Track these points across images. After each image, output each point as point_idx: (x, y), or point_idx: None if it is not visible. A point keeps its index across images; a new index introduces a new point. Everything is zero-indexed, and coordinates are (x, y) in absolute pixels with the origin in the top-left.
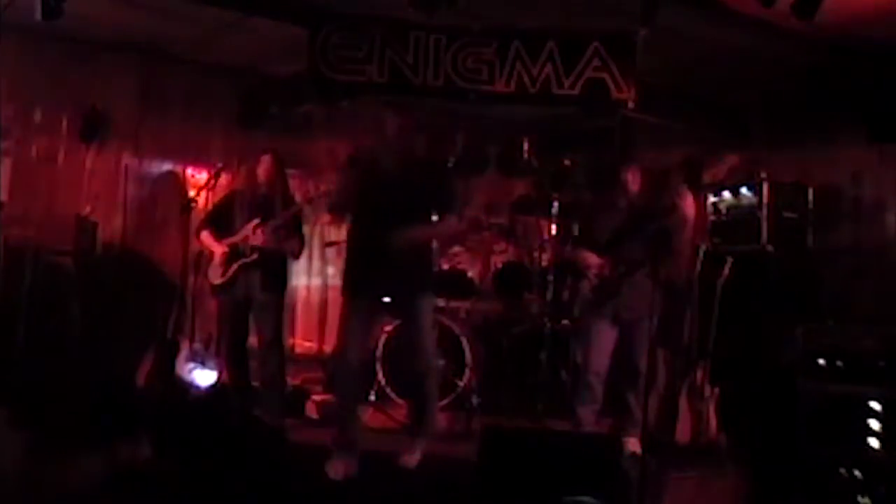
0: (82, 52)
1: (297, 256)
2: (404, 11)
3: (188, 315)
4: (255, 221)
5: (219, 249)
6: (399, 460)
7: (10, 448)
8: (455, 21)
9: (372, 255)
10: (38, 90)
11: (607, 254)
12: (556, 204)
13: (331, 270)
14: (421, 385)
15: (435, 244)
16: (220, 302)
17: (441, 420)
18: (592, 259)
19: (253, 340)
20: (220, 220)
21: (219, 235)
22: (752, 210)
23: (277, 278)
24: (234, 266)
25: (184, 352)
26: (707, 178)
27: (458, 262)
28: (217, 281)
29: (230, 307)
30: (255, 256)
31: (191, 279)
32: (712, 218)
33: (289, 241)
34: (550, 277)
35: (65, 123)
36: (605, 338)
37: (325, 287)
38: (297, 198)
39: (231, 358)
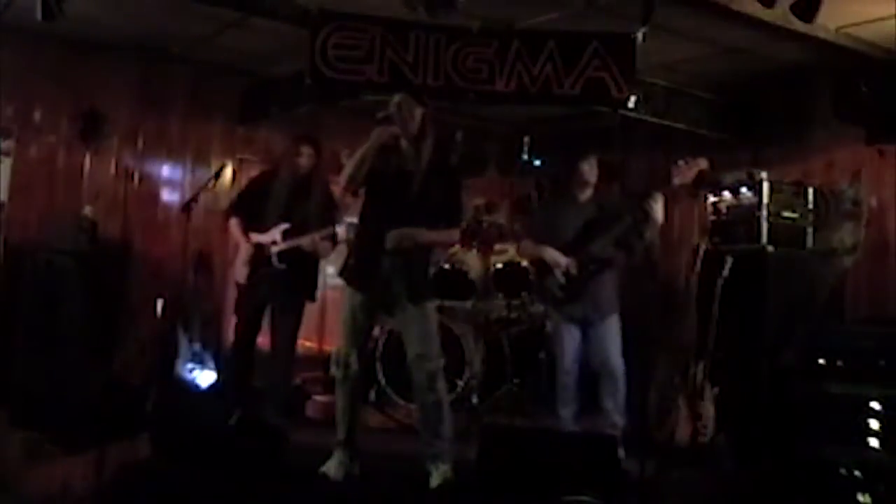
0: (82, 52)
1: (325, 256)
2: (404, 11)
3: (188, 315)
4: (283, 226)
5: (245, 246)
6: (431, 479)
7: (9, 448)
8: (455, 21)
9: (375, 249)
10: (38, 90)
11: (573, 252)
12: None
13: (330, 270)
14: (431, 390)
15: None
16: (241, 299)
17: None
18: (559, 258)
19: (260, 340)
20: (252, 207)
21: (249, 224)
22: (752, 210)
23: (304, 284)
24: (260, 272)
25: (184, 352)
26: (677, 181)
27: (458, 263)
28: (242, 281)
29: (248, 307)
30: (282, 267)
31: (191, 279)
32: (712, 218)
33: (322, 244)
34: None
35: (65, 123)
36: (573, 337)
37: (324, 287)
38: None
39: (239, 355)
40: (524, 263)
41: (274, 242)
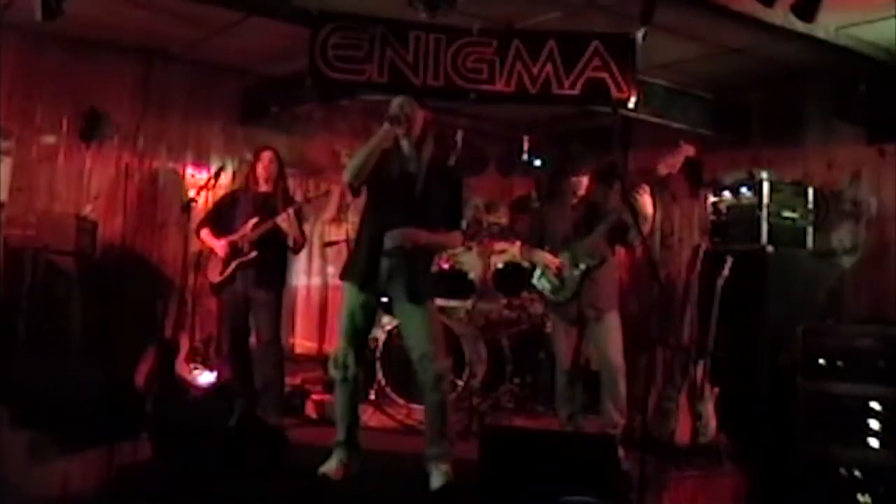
0: (82, 52)
1: (297, 251)
2: (404, 11)
3: (188, 315)
4: (255, 220)
5: (219, 247)
6: (431, 479)
7: (10, 448)
8: (455, 21)
9: (376, 250)
10: (38, 90)
11: (564, 252)
12: None
13: (331, 270)
14: (436, 391)
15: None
16: (220, 300)
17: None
18: (550, 259)
19: (252, 339)
20: (220, 219)
21: (218, 234)
22: (752, 210)
23: (275, 276)
24: (233, 264)
25: (184, 352)
26: (663, 169)
27: (458, 262)
28: (216, 279)
29: (229, 306)
30: (253, 254)
31: (191, 279)
32: (712, 218)
33: (293, 233)
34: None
35: (65, 123)
36: (570, 337)
37: (325, 287)
38: (297, 196)
39: (232, 357)
40: (524, 264)
41: (244, 237)
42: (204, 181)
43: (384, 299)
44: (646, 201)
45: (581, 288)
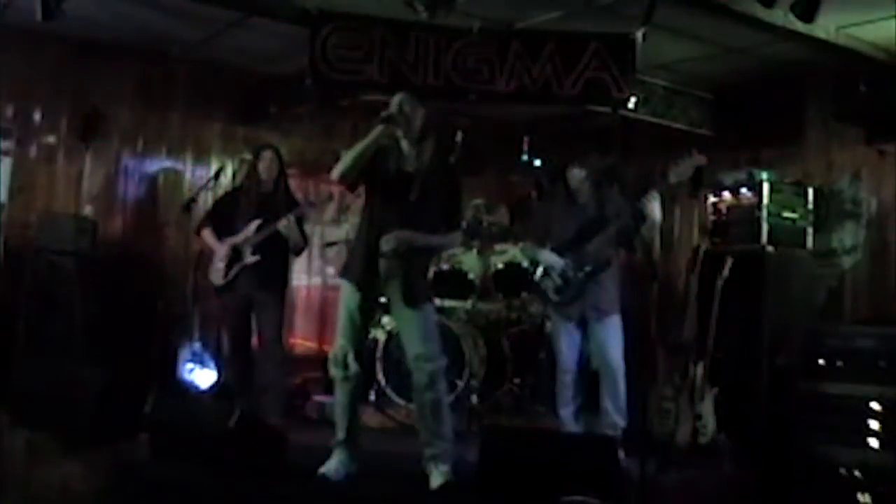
0: (82, 52)
1: (298, 253)
2: (404, 11)
3: (188, 315)
4: (257, 222)
5: (220, 250)
6: (431, 479)
7: (10, 448)
8: (455, 21)
9: (373, 250)
10: (38, 90)
11: (569, 254)
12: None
13: (331, 271)
14: (431, 390)
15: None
16: (222, 302)
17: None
18: (555, 260)
19: (254, 340)
20: (221, 219)
21: (220, 233)
22: (752, 210)
23: (278, 277)
24: (236, 268)
25: (184, 352)
26: (673, 177)
27: (458, 263)
28: (219, 282)
29: (231, 306)
30: (256, 258)
31: (191, 279)
32: (712, 218)
33: (294, 234)
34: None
35: (65, 123)
36: (572, 337)
37: (325, 287)
38: (298, 195)
39: (232, 357)
40: (524, 264)
41: (247, 240)
42: (204, 181)
43: (383, 300)
44: (654, 207)
45: (585, 289)
